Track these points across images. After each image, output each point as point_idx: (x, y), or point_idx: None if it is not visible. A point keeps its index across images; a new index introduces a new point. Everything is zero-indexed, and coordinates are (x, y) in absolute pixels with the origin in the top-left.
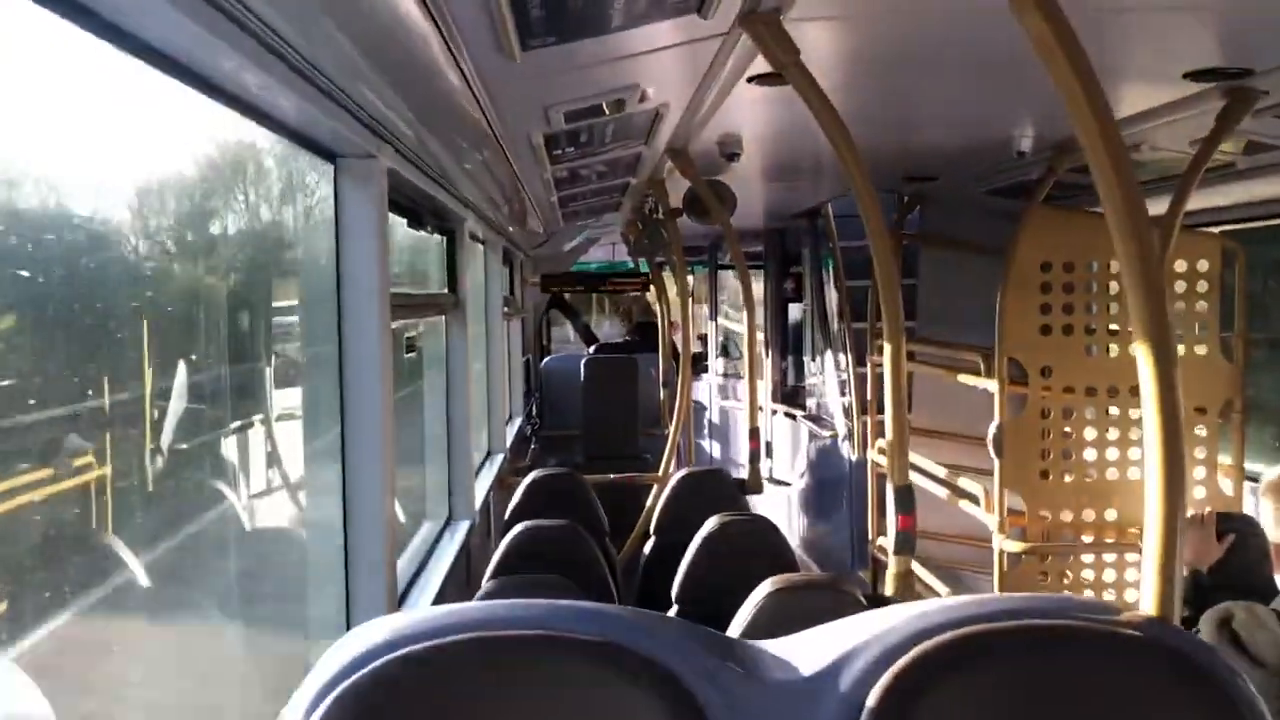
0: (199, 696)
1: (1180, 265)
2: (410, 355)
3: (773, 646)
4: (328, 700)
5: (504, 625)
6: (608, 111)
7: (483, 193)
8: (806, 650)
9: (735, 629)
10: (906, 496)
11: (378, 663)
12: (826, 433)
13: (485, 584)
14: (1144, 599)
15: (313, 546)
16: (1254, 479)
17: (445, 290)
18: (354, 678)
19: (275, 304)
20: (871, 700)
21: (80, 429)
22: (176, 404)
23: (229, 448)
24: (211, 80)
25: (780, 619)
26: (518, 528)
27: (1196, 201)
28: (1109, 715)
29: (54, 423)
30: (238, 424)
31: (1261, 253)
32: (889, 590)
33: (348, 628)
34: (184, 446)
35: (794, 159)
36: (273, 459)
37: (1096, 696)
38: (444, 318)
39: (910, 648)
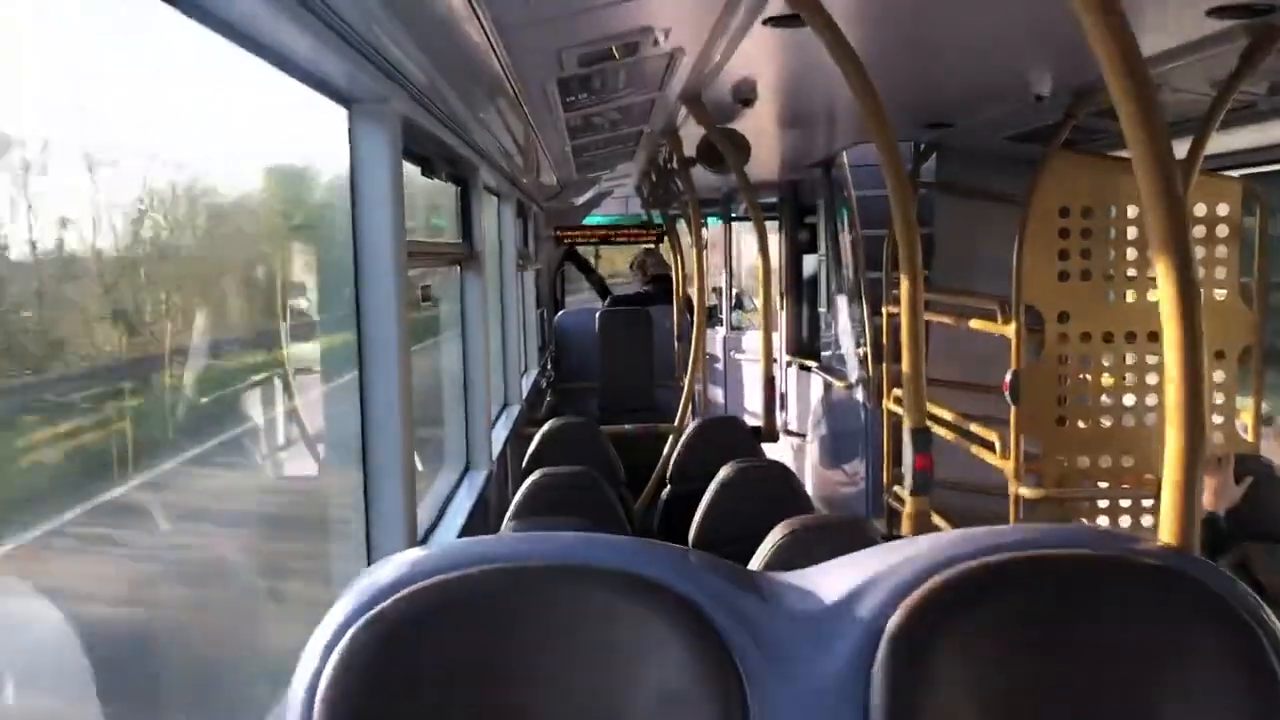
0: None
1: (1200, 209)
2: (426, 304)
3: (792, 578)
4: (350, 632)
5: (525, 557)
6: (621, 56)
7: (496, 142)
8: (826, 581)
9: (753, 568)
10: (923, 437)
11: (399, 594)
12: (841, 383)
13: (504, 528)
14: (1163, 536)
15: None
16: (1271, 423)
17: (460, 240)
18: (375, 610)
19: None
20: (891, 627)
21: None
22: None
23: None
24: (226, 20)
25: (798, 558)
26: (535, 474)
27: (1217, 144)
28: (1130, 643)
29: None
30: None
31: None
32: (905, 531)
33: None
34: None
35: (809, 106)
36: None
37: (1117, 625)
38: (459, 268)
39: (930, 576)
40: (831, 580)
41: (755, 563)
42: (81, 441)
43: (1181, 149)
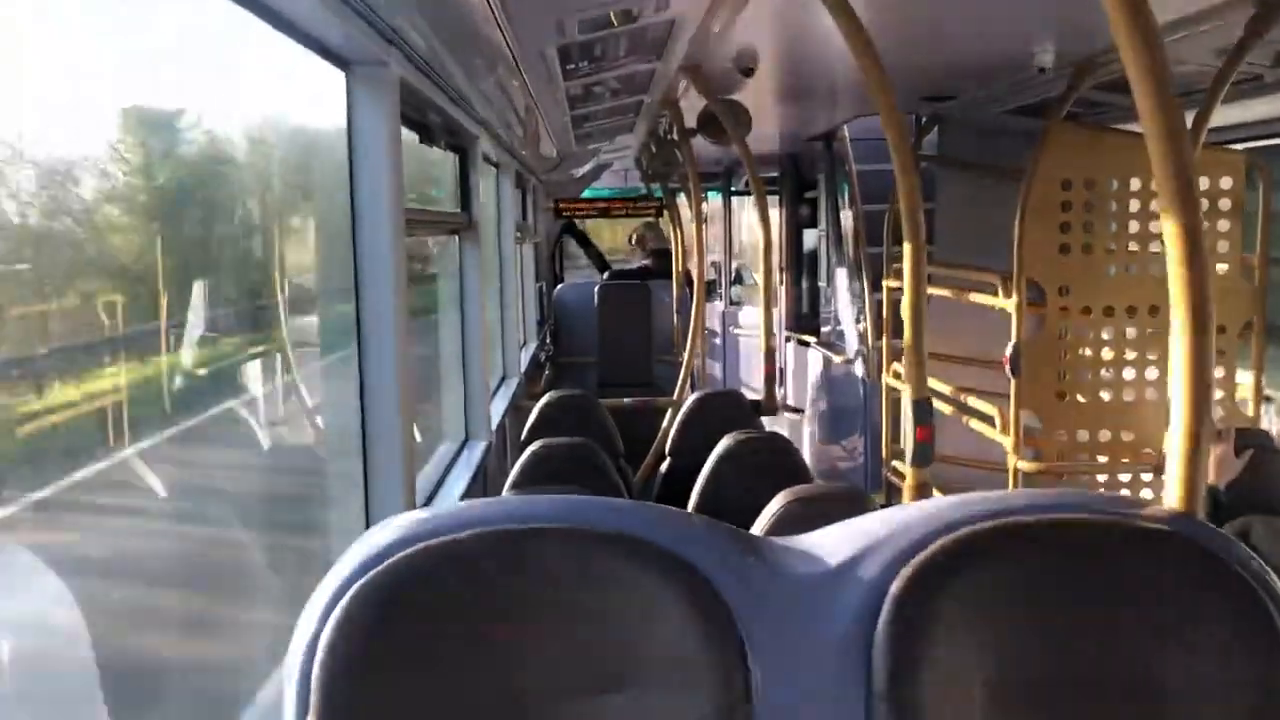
0: None
1: (1203, 183)
2: (425, 275)
3: (794, 541)
4: (349, 594)
5: (524, 520)
6: (620, 22)
7: (496, 111)
8: (828, 544)
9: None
10: (924, 408)
11: (397, 556)
12: (840, 358)
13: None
14: (1168, 504)
15: None
16: (1271, 399)
17: (458, 210)
18: (374, 572)
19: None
20: (894, 590)
21: None
22: None
23: None
24: None
25: (797, 528)
26: (534, 445)
27: (1220, 117)
28: (1134, 607)
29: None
30: None
31: None
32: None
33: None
34: None
35: (811, 77)
36: None
37: (1121, 589)
38: (458, 239)
39: (933, 540)
40: (834, 544)
41: (755, 531)
42: None
43: (1186, 121)
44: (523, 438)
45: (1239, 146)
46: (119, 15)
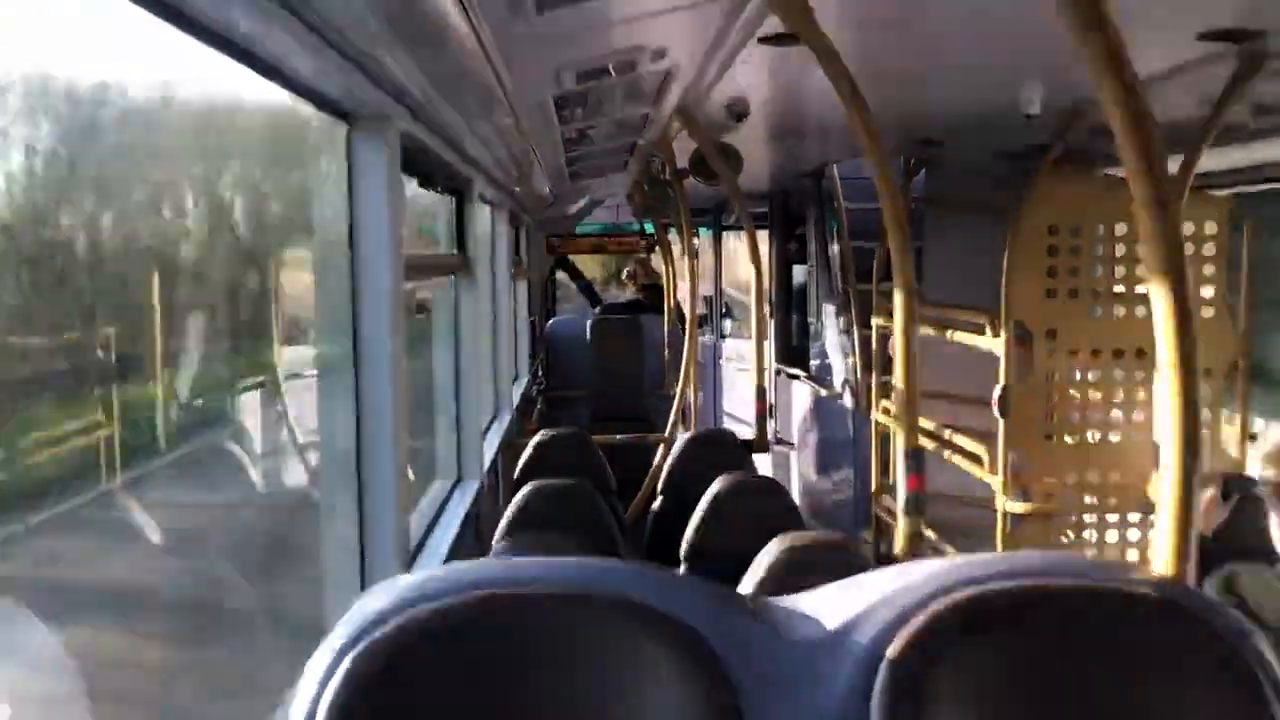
0: None
1: (1189, 227)
2: (420, 317)
3: (790, 602)
4: (345, 661)
5: (520, 583)
6: (618, 73)
7: (492, 154)
8: (824, 606)
9: (745, 587)
10: (917, 459)
11: (394, 622)
12: (830, 393)
13: (496, 543)
14: (1158, 560)
15: None
16: (1256, 440)
17: (454, 251)
18: (371, 637)
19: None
20: (890, 655)
21: None
22: None
23: None
24: (228, 37)
25: (789, 577)
26: (527, 487)
27: (1205, 163)
28: (1125, 675)
29: None
30: None
31: (1268, 216)
32: (897, 550)
33: (361, 585)
34: None
35: (801, 121)
36: None
37: (1113, 656)
38: (453, 278)
39: (928, 605)
40: (829, 606)
41: (747, 580)
42: None
43: (1172, 167)
44: (516, 476)
45: (1224, 192)
46: None
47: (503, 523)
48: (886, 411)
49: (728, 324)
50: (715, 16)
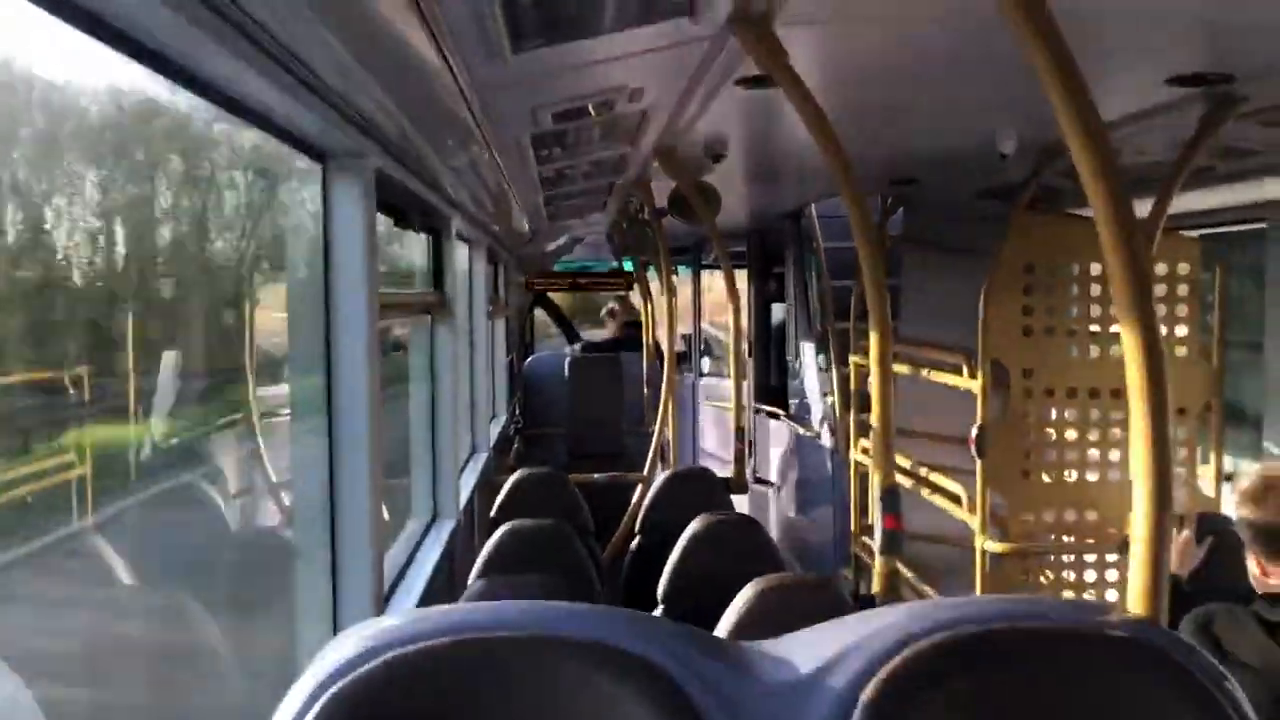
0: None
1: (1161, 268)
2: (397, 354)
3: (764, 646)
4: (318, 705)
5: (494, 627)
6: (595, 113)
7: (469, 192)
8: (798, 650)
9: (723, 629)
10: (893, 498)
11: (367, 666)
12: (809, 432)
13: (471, 584)
14: (1131, 601)
15: None
16: (1231, 479)
17: (431, 289)
18: (343, 682)
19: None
20: (865, 699)
21: None
22: None
23: None
24: (200, 77)
25: (768, 619)
26: (503, 527)
27: (1177, 205)
28: (1097, 716)
29: None
30: None
31: (1239, 256)
32: (875, 589)
33: (334, 627)
34: None
35: (779, 161)
36: None
37: (1087, 698)
38: (430, 316)
39: (903, 648)
40: (805, 649)
41: (725, 622)
42: None
43: (1144, 209)
44: (493, 515)
45: (1196, 233)
46: None
47: (478, 563)
48: (865, 450)
49: (706, 362)
50: (691, 59)
